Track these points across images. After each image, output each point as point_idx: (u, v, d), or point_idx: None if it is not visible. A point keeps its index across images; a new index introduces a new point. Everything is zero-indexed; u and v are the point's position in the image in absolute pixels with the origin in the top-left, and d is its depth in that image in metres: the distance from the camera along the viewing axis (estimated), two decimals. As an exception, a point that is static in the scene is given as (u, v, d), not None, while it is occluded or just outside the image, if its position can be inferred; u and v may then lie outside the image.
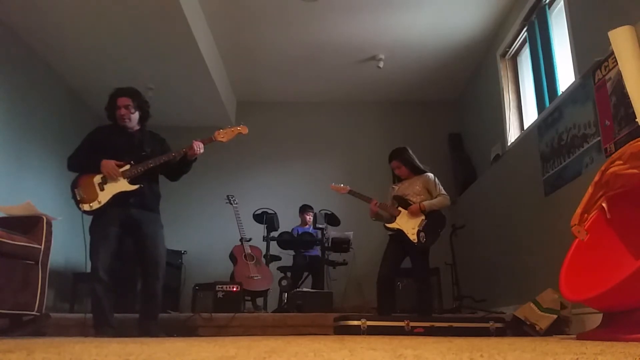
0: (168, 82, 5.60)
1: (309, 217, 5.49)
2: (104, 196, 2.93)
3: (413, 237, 3.53)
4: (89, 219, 2.97)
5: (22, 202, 3.14)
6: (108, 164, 2.94)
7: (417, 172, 3.79)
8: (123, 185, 2.96)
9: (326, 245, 5.00)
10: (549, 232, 3.76)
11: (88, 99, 5.74)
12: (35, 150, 4.93)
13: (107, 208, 2.92)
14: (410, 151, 3.83)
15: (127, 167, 2.98)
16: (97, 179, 2.95)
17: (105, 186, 2.95)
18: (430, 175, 3.77)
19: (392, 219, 3.67)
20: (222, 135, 3.19)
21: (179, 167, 3.18)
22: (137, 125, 3.15)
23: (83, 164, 3.02)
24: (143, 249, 3.01)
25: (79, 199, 2.93)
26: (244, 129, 3.25)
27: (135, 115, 3.12)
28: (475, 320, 3.40)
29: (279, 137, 6.76)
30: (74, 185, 2.98)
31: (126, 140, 3.08)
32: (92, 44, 4.89)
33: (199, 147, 3.05)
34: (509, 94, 5.14)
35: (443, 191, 3.70)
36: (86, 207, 2.91)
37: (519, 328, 3.21)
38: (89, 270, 2.89)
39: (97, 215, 2.95)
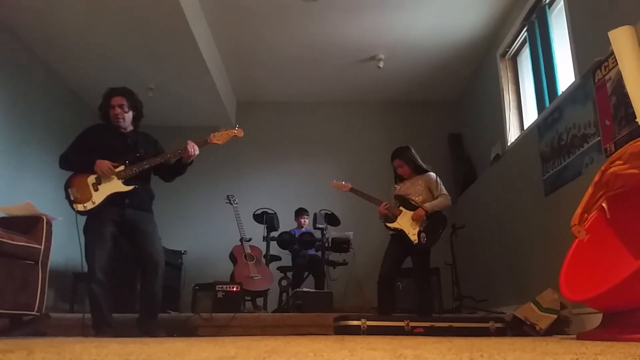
0: (168, 82, 5.60)
1: (304, 220, 5.50)
2: (98, 196, 2.92)
3: (414, 237, 3.53)
4: (82, 219, 2.96)
5: (22, 202, 3.13)
6: (103, 164, 2.92)
7: (420, 171, 3.79)
8: (117, 186, 2.94)
9: (326, 245, 5.00)
10: (549, 232, 3.76)
11: (88, 99, 5.73)
12: (35, 151, 4.93)
13: (102, 208, 2.91)
14: (413, 150, 3.83)
15: (122, 167, 2.97)
16: (91, 179, 2.94)
17: (99, 186, 2.93)
18: (433, 174, 3.76)
19: (394, 218, 3.67)
20: (218, 138, 3.16)
21: (174, 169, 3.16)
22: (130, 126, 3.14)
23: (76, 162, 3.00)
24: (141, 248, 3.00)
25: (72, 198, 2.91)
26: (239, 132, 3.21)
27: (129, 115, 3.10)
28: (475, 320, 3.41)
29: (279, 137, 6.76)
30: (68, 185, 2.96)
31: (120, 141, 3.07)
32: (92, 44, 4.89)
33: (193, 148, 3.04)
34: (509, 94, 5.13)
35: (444, 191, 3.70)
36: (80, 207, 2.90)
37: (519, 328, 3.21)
38: (86, 270, 2.88)
39: (91, 215, 2.93)
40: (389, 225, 3.68)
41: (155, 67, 5.32)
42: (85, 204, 2.90)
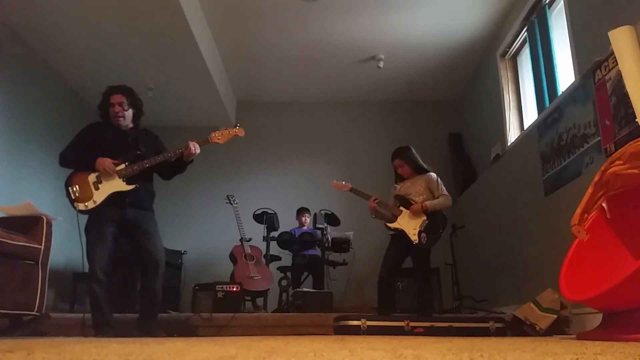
0: (168, 82, 5.60)
1: (305, 219, 5.51)
2: (99, 196, 2.91)
3: (414, 237, 3.53)
4: (84, 218, 2.95)
5: (22, 202, 3.13)
6: (104, 161, 2.91)
7: (420, 171, 3.79)
8: (119, 185, 2.93)
9: (326, 245, 5.00)
10: (549, 232, 3.76)
11: (88, 99, 5.73)
12: (35, 150, 4.93)
13: (103, 207, 2.90)
14: (413, 150, 3.83)
15: (123, 166, 2.96)
16: (92, 177, 2.93)
17: (100, 185, 2.92)
18: (433, 175, 3.76)
19: (394, 218, 3.67)
20: (219, 137, 3.15)
21: (174, 168, 3.15)
22: (130, 123, 3.13)
23: (76, 160, 2.99)
24: (142, 248, 2.99)
25: (73, 197, 2.90)
26: (240, 132, 3.20)
27: (129, 113, 3.09)
28: (475, 320, 3.40)
29: (279, 137, 6.76)
30: (68, 183, 2.94)
31: (120, 139, 3.06)
32: (92, 44, 4.89)
33: (195, 147, 3.03)
34: (509, 94, 5.14)
35: (445, 191, 3.69)
36: (81, 206, 2.88)
37: (519, 328, 3.21)
38: (87, 270, 2.88)
39: (93, 215, 2.92)
40: (389, 225, 3.68)
41: (155, 67, 5.32)
42: (86, 203, 2.89)
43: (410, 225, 3.58)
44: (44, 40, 4.79)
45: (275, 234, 5.19)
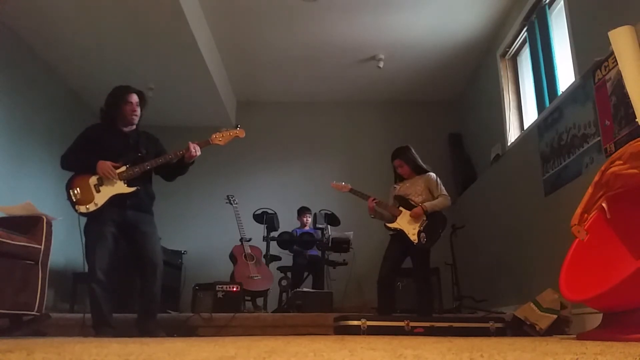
0: (168, 82, 5.60)
1: (306, 219, 5.51)
2: (100, 198, 2.91)
3: (414, 237, 3.53)
4: (84, 218, 2.95)
5: (22, 202, 3.13)
6: (105, 165, 2.91)
7: (420, 171, 3.79)
8: (120, 188, 2.93)
9: (326, 245, 5.00)
10: (549, 232, 3.76)
11: (88, 99, 5.74)
12: (35, 151, 4.93)
13: (103, 208, 2.90)
14: (413, 150, 3.83)
15: (124, 168, 2.96)
16: (93, 180, 2.92)
17: (101, 188, 2.92)
18: (433, 175, 3.76)
19: (393, 218, 3.67)
20: (219, 139, 3.14)
21: (176, 169, 3.15)
22: (133, 125, 3.14)
23: (78, 163, 2.99)
24: (140, 249, 2.99)
25: (74, 200, 2.90)
26: (241, 133, 3.20)
27: (138, 112, 3.11)
28: (475, 320, 3.40)
29: (279, 137, 6.76)
30: (69, 186, 2.94)
31: (121, 141, 3.05)
32: (92, 44, 4.89)
33: (195, 149, 3.03)
34: (509, 94, 5.14)
35: (444, 191, 3.69)
36: (82, 208, 2.88)
37: (519, 328, 3.21)
38: (87, 270, 2.88)
39: (92, 216, 2.92)
40: (389, 225, 3.68)
41: (155, 67, 5.32)
42: (87, 206, 2.89)
43: (409, 225, 3.58)
44: (44, 40, 4.79)
45: (275, 234, 5.20)
